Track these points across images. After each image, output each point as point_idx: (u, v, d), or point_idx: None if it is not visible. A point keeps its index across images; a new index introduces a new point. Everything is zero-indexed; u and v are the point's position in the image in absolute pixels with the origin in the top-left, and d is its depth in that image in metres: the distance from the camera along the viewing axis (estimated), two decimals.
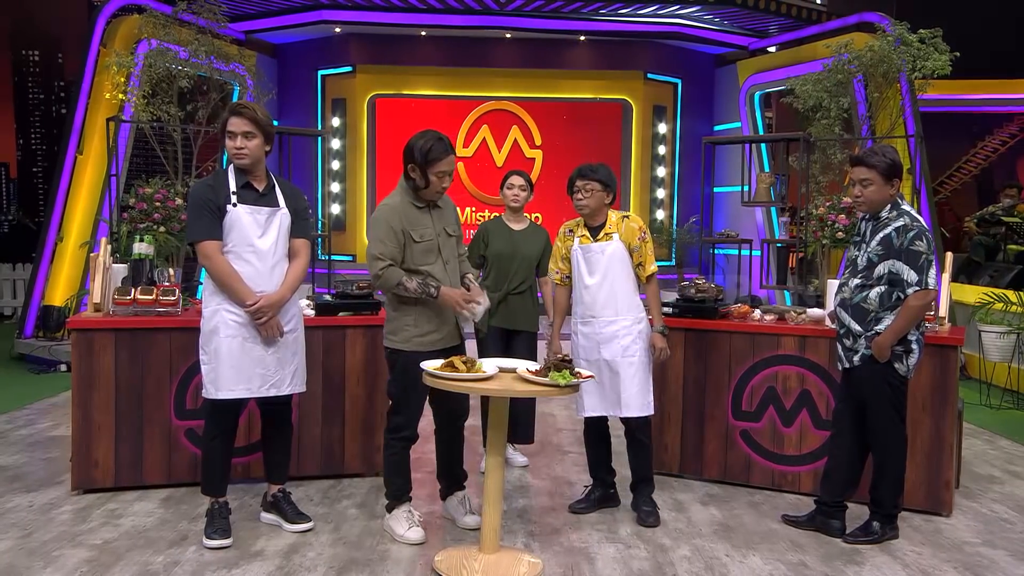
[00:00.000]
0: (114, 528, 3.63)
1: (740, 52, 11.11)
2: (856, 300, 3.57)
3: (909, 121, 8.30)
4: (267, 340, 3.46)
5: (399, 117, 11.08)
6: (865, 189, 3.55)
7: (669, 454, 4.50)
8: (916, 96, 8.28)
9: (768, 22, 10.38)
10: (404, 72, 11.05)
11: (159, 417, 4.12)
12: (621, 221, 3.88)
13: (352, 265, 10.80)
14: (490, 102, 11.13)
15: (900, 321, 3.48)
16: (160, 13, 7.83)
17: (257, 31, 10.58)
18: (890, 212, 3.56)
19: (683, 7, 9.80)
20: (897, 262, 3.47)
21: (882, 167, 3.50)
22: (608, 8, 9.92)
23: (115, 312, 4.13)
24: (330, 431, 4.35)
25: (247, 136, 3.39)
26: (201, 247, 3.40)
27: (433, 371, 3.21)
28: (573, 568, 3.32)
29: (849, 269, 3.67)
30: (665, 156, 11.45)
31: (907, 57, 7.55)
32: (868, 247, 3.56)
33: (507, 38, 10.99)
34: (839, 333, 3.66)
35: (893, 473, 3.60)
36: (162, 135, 8.02)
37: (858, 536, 3.62)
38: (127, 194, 7.32)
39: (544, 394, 3.20)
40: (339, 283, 4.58)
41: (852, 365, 3.61)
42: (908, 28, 7.63)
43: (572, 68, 11.18)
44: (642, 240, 3.84)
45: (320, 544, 3.51)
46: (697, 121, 11.44)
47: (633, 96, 11.22)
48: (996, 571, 3.36)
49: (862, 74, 7.91)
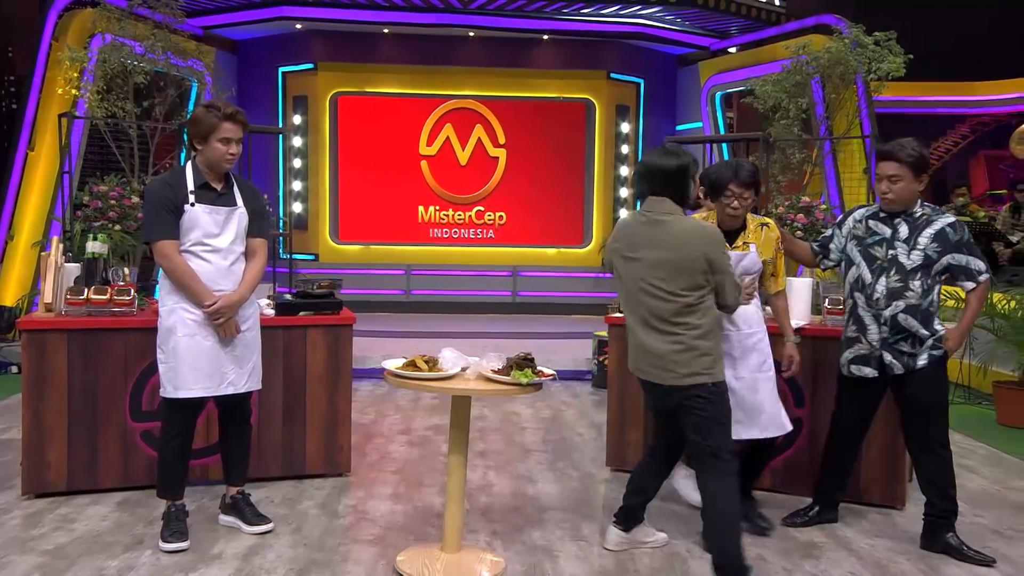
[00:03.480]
0: (67, 533, 3.55)
1: (701, 52, 11.22)
2: (926, 304, 3.39)
3: (865, 122, 8.47)
4: (224, 339, 3.42)
5: (362, 115, 10.99)
6: (894, 185, 3.37)
7: (632, 451, 4.52)
8: (872, 97, 8.45)
9: (729, 23, 10.50)
10: (367, 70, 10.97)
11: (114, 419, 4.04)
12: (759, 230, 3.56)
13: (314, 264, 10.71)
14: (454, 100, 11.10)
15: (973, 312, 3.43)
16: (115, 7, 7.66)
17: (216, 27, 10.40)
18: (923, 208, 3.45)
19: (645, 7, 9.87)
20: (958, 255, 3.38)
21: (912, 161, 3.34)
22: (571, 8, 9.95)
23: (67, 312, 4.04)
24: (291, 431, 4.30)
25: (239, 142, 3.42)
26: (158, 246, 3.36)
27: (395, 371, 3.20)
28: (535, 566, 3.33)
29: (889, 271, 3.42)
30: (628, 155, 11.52)
31: (863, 59, 7.70)
32: (918, 245, 3.39)
33: (470, 36, 10.97)
34: (893, 340, 3.43)
35: None
36: (117, 132, 7.85)
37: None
38: (81, 192, 7.16)
39: (506, 393, 3.20)
40: (300, 282, 4.53)
41: (911, 369, 3.43)
42: (864, 31, 7.78)
43: (536, 67, 11.19)
44: (778, 251, 3.61)
45: (280, 546, 3.47)
46: (660, 120, 11.53)
47: (596, 95, 11.27)
48: (948, 561, 3.45)
49: (820, 75, 8.04)
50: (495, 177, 11.09)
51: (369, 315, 9.31)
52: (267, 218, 3.70)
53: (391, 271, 10.89)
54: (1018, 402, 5.88)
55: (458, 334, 8.31)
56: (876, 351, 3.48)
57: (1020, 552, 3.59)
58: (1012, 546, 3.66)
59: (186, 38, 8.15)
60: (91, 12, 7.94)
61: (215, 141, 3.37)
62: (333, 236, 11.07)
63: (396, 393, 6.54)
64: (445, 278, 10.81)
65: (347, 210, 11.05)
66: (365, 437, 5.25)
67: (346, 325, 4.40)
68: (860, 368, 3.54)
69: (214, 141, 3.37)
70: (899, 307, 3.40)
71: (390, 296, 10.77)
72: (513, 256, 10.96)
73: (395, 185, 11.03)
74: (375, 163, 11.00)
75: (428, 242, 11.14)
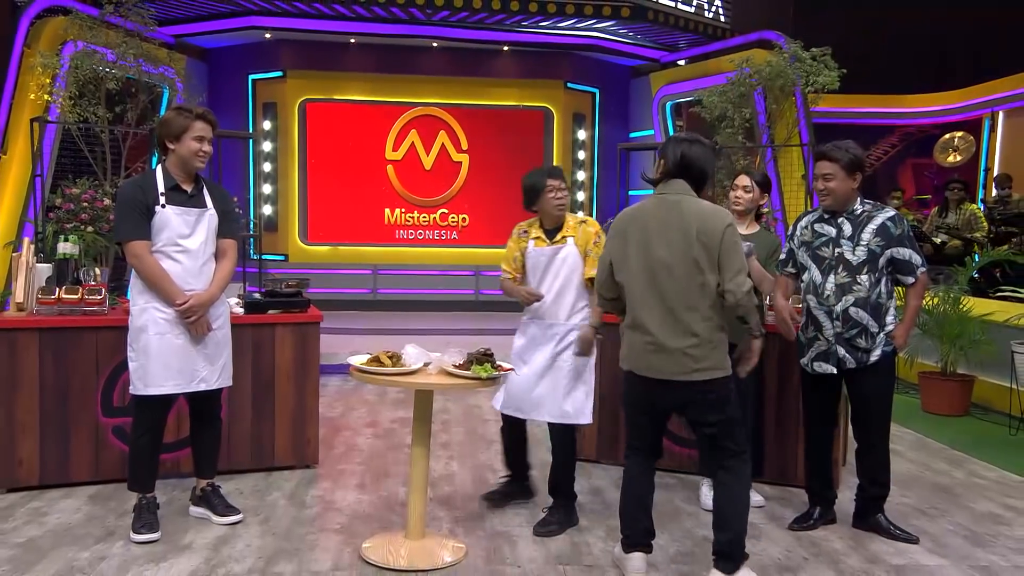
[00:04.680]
0: (39, 526, 3.47)
1: (653, 64, 11.33)
2: (874, 297, 3.41)
3: (803, 131, 8.64)
4: (195, 337, 3.37)
5: (329, 121, 10.89)
6: (828, 183, 3.43)
7: (586, 441, 4.56)
8: (809, 108, 8.62)
9: (678, 37, 10.62)
10: (334, 77, 10.86)
11: (86, 415, 3.95)
12: (579, 226, 3.68)
13: (283, 265, 10.59)
14: (418, 108, 11.06)
15: (915, 307, 3.45)
16: (86, 15, 7.47)
17: (187, 35, 10.21)
18: (863, 205, 3.48)
19: (599, 21, 9.92)
20: (901, 248, 3.41)
21: (844, 161, 3.40)
22: (529, 21, 9.97)
23: (39, 312, 3.94)
24: (260, 425, 4.25)
25: (210, 142, 3.41)
26: (130, 247, 3.31)
27: (360, 366, 3.18)
28: (495, 551, 3.34)
29: (837, 269, 3.44)
30: (585, 161, 11.59)
31: (801, 72, 7.84)
32: (861, 241, 3.42)
33: (434, 47, 10.93)
34: (848, 335, 3.43)
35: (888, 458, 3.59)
36: (89, 136, 7.67)
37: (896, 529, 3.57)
38: (54, 195, 6.98)
39: (466, 387, 3.20)
40: (268, 282, 4.47)
41: (865, 365, 3.44)
42: (802, 46, 7.93)
43: (496, 76, 11.20)
44: (596, 244, 3.66)
45: (249, 535, 3.43)
46: (614, 128, 11.63)
47: (554, 104, 11.32)
48: (876, 540, 3.54)
49: (762, 87, 8.17)
50: (458, 181, 11.07)
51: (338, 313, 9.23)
52: (237, 219, 3.67)
53: (359, 271, 10.81)
54: (940, 391, 6.05)
55: (424, 331, 8.29)
56: (832, 346, 3.47)
57: (941, 528, 3.71)
58: (934, 523, 3.77)
59: (157, 46, 7.99)
60: (63, 20, 7.73)
61: (188, 139, 3.34)
62: (302, 237, 10.95)
63: (363, 388, 6.49)
64: (411, 277, 10.77)
65: (316, 212, 10.94)
66: (333, 430, 5.21)
67: (313, 323, 4.36)
68: (821, 364, 3.52)
69: (187, 139, 3.34)
70: (849, 301, 3.42)
71: (358, 295, 10.69)
72: (476, 256, 10.95)
73: (362, 188, 10.95)
74: (343, 167, 10.91)
75: (394, 243, 11.08)
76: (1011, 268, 7.16)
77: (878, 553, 3.40)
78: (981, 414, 5.98)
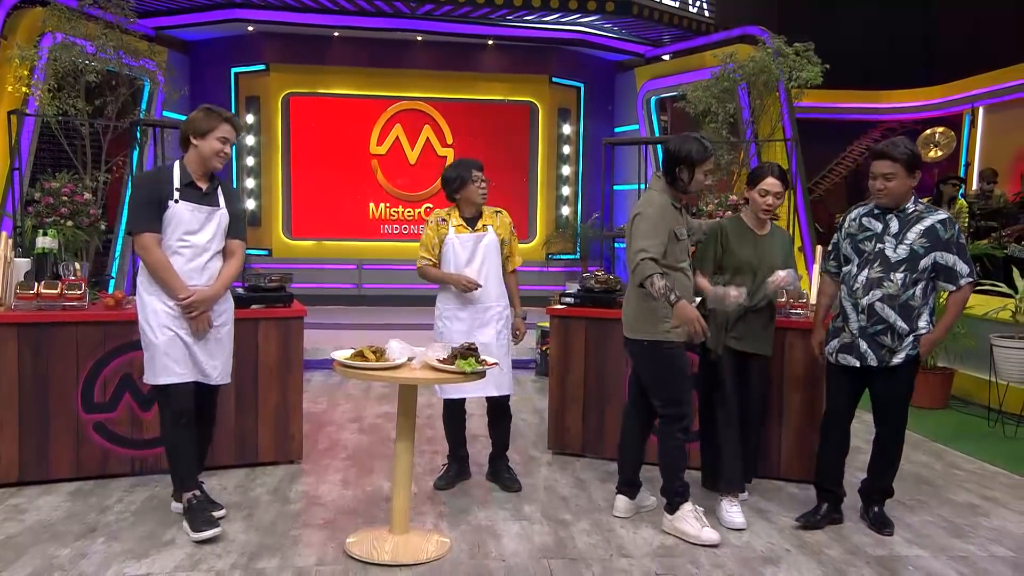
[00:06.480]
0: (18, 523, 3.43)
1: (638, 59, 11.34)
2: (905, 297, 3.34)
3: (787, 126, 8.68)
4: (197, 333, 3.37)
5: (313, 115, 10.83)
6: (889, 182, 3.34)
7: (571, 435, 4.58)
8: (793, 103, 8.66)
9: (662, 32, 10.63)
10: (318, 71, 10.80)
11: (66, 411, 3.91)
12: (495, 215, 4.02)
13: (267, 259, 10.52)
14: (403, 102, 11.02)
15: (952, 315, 3.37)
16: (65, 7, 7.37)
17: (168, 27, 10.10)
18: (916, 204, 3.40)
19: (584, 15, 9.92)
20: (946, 254, 3.32)
21: (905, 159, 3.31)
22: (514, 15, 9.94)
23: (17, 307, 3.89)
24: (244, 421, 4.23)
25: (231, 146, 3.45)
26: (140, 238, 3.32)
27: (344, 361, 3.17)
28: (480, 545, 3.34)
29: (873, 264, 3.39)
30: (569, 155, 11.59)
31: (784, 68, 7.87)
32: (906, 240, 3.35)
33: (418, 41, 10.88)
34: (872, 330, 3.39)
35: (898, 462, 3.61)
36: (69, 129, 7.58)
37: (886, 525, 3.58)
38: (33, 188, 6.89)
39: (450, 382, 3.20)
40: (251, 277, 4.44)
41: (887, 364, 3.39)
42: (785, 41, 7.96)
43: (481, 71, 11.17)
44: (512, 234, 4.05)
45: (232, 531, 3.41)
46: (599, 123, 11.63)
47: (539, 98, 11.30)
48: (857, 531, 3.57)
49: (745, 82, 8.20)
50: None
51: (322, 308, 9.20)
52: (245, 221, 3.67)
53: (343, 266, 10.77)
54: (921, 384, 6.03)
55: (409, 326, 8.26)
56: (856, 340, 3.44)
57: (919, 519, 3.75)
58: (913, 514, 3.81)
59: (138, 38, 7.89)
60: (41, 11, 7.63)
61: (213, 138, 3.37)
62: (286, 232, 10.89)
63: (348, 383, 6.47)
64: (395, 272, 10.73)
65: (300, 207, 10.88)
66: (317, 425, 5.18)
67: (297, 318, 4.34)
68: (845, 357, 3.49)
69: (212, 138, 3.37)
70: (876, 296, 3.37)
71: (343, 290, 10.65)
72: None
73: (347, 183, 10.90)
74: (327, 162, 10.85)
75: (379, 238, 11.04)
76: (991, 263, 7.24)
77: (860, 545, 3.43)
78: (961, 406, 6.05)
